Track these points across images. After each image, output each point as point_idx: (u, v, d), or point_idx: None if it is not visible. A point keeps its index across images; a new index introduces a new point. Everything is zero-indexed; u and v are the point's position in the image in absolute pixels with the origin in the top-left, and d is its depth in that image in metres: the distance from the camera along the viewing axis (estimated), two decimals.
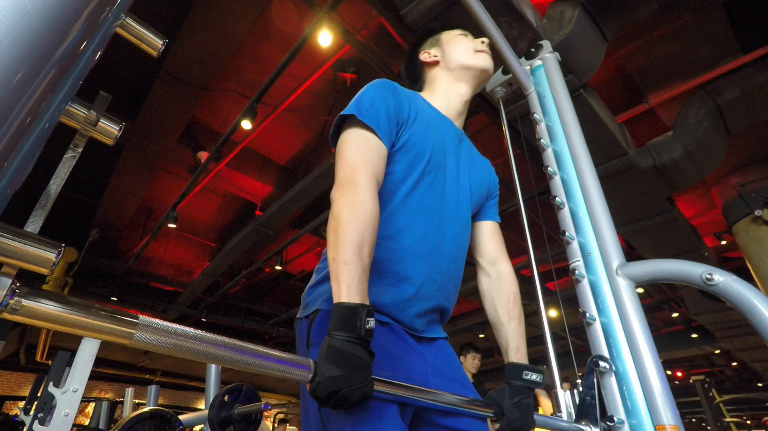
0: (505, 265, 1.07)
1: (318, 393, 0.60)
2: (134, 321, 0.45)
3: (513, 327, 0.98)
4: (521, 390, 0.86)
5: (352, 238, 0.70)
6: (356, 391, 0.60)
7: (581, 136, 1.37)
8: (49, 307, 0.40)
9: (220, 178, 5.81)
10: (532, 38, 2.65)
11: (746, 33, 3.57)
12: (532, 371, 0.88)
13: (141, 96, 4.44)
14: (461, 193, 1.01)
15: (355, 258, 0.69)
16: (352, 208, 0.73)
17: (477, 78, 1.11)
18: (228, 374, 11.26)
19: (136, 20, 0.52)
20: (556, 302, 6.20)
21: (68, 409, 0.44)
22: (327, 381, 0.59)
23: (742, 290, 0.88)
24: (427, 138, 0.94)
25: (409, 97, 0.97)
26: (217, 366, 2.27)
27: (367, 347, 0.65)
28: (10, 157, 0.34)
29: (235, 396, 1.89)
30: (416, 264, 0.86)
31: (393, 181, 0.89)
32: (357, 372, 0.61)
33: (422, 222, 0.89)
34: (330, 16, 3.12)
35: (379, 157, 0.84)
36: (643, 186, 4.13)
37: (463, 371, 0.94)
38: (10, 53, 0.31)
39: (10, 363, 9.43)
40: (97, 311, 0.43)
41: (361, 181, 0.77)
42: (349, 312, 0.65)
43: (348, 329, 0.63)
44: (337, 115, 0.89)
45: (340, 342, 0.62)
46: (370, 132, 0.84)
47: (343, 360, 0.61)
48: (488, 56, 1.12)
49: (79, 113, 0.44)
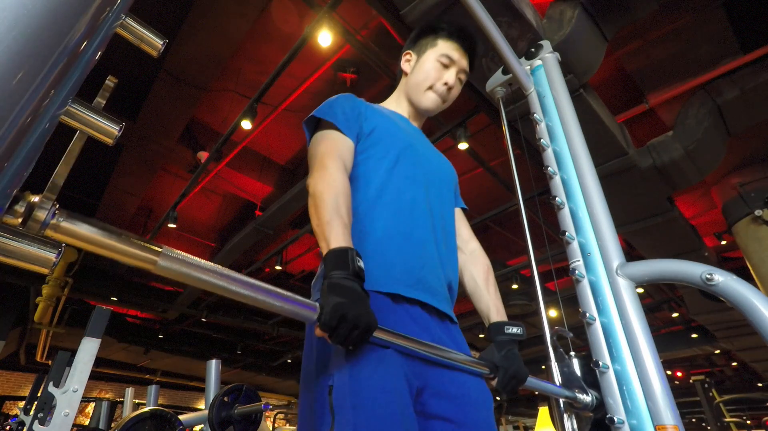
0: (476, 244, 1.17)
1: (326, 319, 0.63)
2: (158, 250, 0.48)
3: (491, 292, 1.08)
4: (506, 343, 0.94)
5: (329, 203, 0.79)
6: (362, 317, 0.64)
7: (581, 136, 1.37)
8: (85, 229, 0.43)
9: (220, 178, 5.81)
10: (532, 38, 2.65)
11: (746, 33, 3.57)
12: (512, 325, 0.97)
13: (141, 96, 4.44)
14: (440, 173, 1.10)
15: (334, 216, 0.77)
16: (324, 183, 0.83)
17: (419, 110, 1.17)
18: (228, 374, 11.28)
19: (136, 20, 0.52)
20: (556, 302, 6.21)
21: (68, 409, 0.44)
22: (334, 307, 0.63)
23: (742, 290, 0.88)
24: (391, 126, 1.04)
25: (362, 101, 1.08)
26: (217, 366, 2.27)
27: (361, 284, 0.70)
28: (10, 157, 0.34)
29: (235, 396, 1.89)
30: (417, 224, 0.93)
31: (374, 160, 0.98)
32: (358, 302, 0.66)
33: (412, 188, 0.97)
34: (330, 16, 3.13)
35: (342, 144, 0.94)
36: (643, 186, 4.13)
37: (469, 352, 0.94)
38: (10, 53, 0.31)
39: (10, 363, 9.43)
40: (127, 237, 0.47)
41: (329, 163, 0.87)
42: (340, 253, 0.71)
43: (342, 267, 0.69)
44: (302, 124, 1.03)
45: (338, 279, 0.68)
46: (332, 128, 0.97)
47: (343, 291, 0.66)
48: (436, 100, 1.14)
49: (79, 113, 0.44)
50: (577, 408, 1.08)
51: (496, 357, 0.91)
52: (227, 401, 1.87)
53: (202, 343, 10.19)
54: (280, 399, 14.01)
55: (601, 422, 1.04)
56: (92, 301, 7.79)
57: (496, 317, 1.02)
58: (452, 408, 0.81)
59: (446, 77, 1.13)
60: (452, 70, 1.15)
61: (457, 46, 1.16)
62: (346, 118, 0.98)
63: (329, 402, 0.72)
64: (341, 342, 0.64)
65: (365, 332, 0.65)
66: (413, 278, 0.87)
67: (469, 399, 0.84)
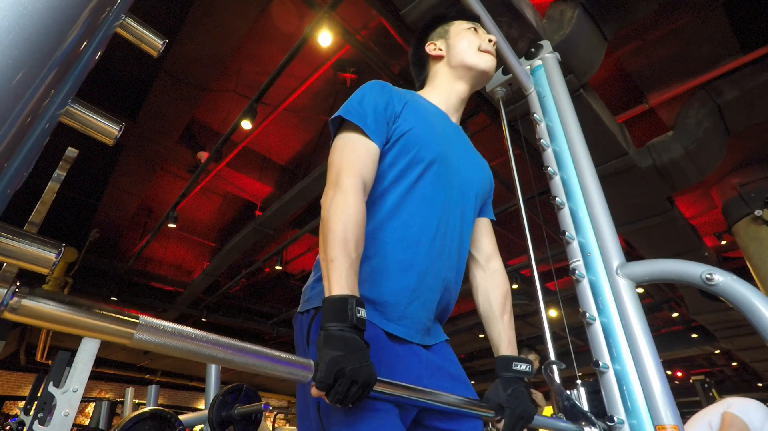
0: (499, 263, 1.09)
1: (322, 376, 0.60)
2: (134, 322, 0.45)
3: (506, 320, 1.00)
4: (513, 381, 0.89)
5: (337, 236, 0.73)
6: (362, 371, 0.61)
7: (581, 136, 1.37)
8: (49, 307, 0.40)
9: (220, 178, 5.81)
10: (532, 38, 2.65)
11: (746, 33, 3.57)
12: (521, 362, 0.92)
13: (141, 96, 4.44)
14: (466, 185, 1.02)
15: (340, 254, 0.72)
16: (335, 209, 0.76)
17: (477, 78, 1.11)
18: (228, 374, 11.26)
19: (136, 20, 0.52)
20: (556, 302, 6.21)
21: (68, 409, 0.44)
22: (331, 362, 0.60)
23: (742, 290, 0.88)
24: (426, 131, 0.95)
25: (402, 93, 0.99)
26: (217, 366, 2.27)
27: (361, 335, 0.66)
28: (10, 157, 0.34)
29: (235, 396, 1.89)
30: (419, 253, 0.87)
31: (394, 174, 0.91)
32: (356, 353, 0.62)
33: (426, 211, 0.90)
34: (330, 16, 3.12)
35: (365, 156, 0.86)
36: (643, 186, 4.13)
37: (462, 371, 0.94)
38: (10, 53, 0.31)
39: (10, 363, 9.43)
40: (98, 311, 0.43)
41: (345, 182, 0.80)
42: (340, 303, 0.67)
43: (341, 319, 0.65)
44: (330, 119, 0.92)
45: (336, 332, 0.64)
46: (358, 132, 0.87)
47: (341, 344, 0.62)
48: (491, 57, 1.10)
49: (79, 113, 0.44)
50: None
51: (501, 397, 0.86)
52: (227, 401, 1.87)
53: None
54: (280, 399, 14.02)
55: None
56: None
57: (506, 350, 0.96)
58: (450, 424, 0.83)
59: (485, 36, 1.13)
60: (482, 32, 1.16)
61: (468, 20, 1.18)
62: (376, 119, 0.89)
63: (319, 417, 0.72)
64: (340, 400, 0.60)
65: (365, 387, 0.61)
66: (398, 313, 0.83)
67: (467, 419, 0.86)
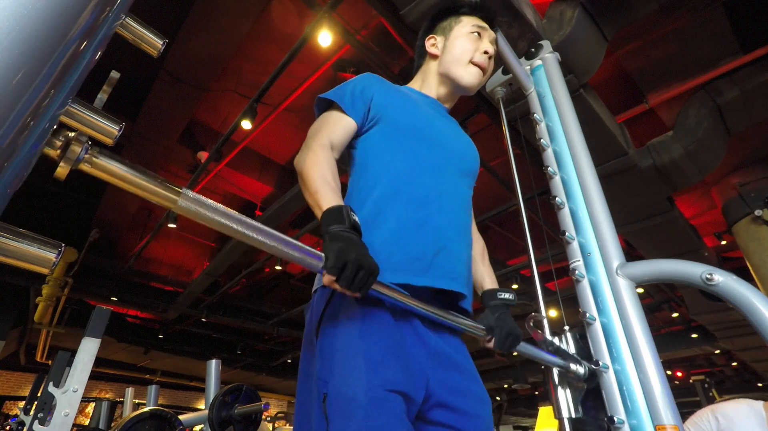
0: (474, 226, 1.18)
1: (332, 262, 0.65)
2: (178, 190, 0.52)
3: (486, 264, 1.12)
4: (499, 307, 0.98)
5: (315, 175, 0.82)
6: (365, 258, 0.67)
7: (581, 136, 1.37)
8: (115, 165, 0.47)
9: (220, 178, 5.81)
10: (532, 38, 2.65)
11: (746, 33, 3.57)
12: (504, 291, 1.01)
13: (141, 96, 4.44)
14: (460, 152, 1.07)
15: (321, 185, 0.81)
16: (307, 161, 0.86)
17: (459, 89, 1.13)
18: (228, 374, 11.28)
19: (136, 20, 0.52)
20: (556, 302, 6.20)
21: (68, 409, 0.44)
22: (338, 251, 0.66)
23: (742, 290, 0.89)
24: (411, 106, 1.02)
25: (385, 82, 1.06)
26: (217, 366, 2.27)
27: (359, 235, 0.73)
28: (10, 157, 0.34)
29: (235, 396, 1.89)
30: (432, 210, 0.91)
31: (386, 144, 0.96)
32: (359, 247, 0.68)
33: (427, 173, 0.95)
34: (330, 16, 3.12)
35: (335, 124, 0.95)
36: (643, 186, 4.13)
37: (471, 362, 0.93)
38: (10, 53, 0.31)
39: (10, 363, 9.43)
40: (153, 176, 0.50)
41: (313, 143, 0.90)
42: (335, 210, 0.74)
43: (339, 221, 0.72)
44: (315, 103, 1.02)
45: (337, 231, 0.71)
46: (335, 109, 0.98)
47: (343, 239, 0.69)
48: (478, 72, 1.10)
49: (79, 113, 0.44)
50: (570, 378, 1.11)
51: (490, 320, 0.94)
52: (227, 401, 1.87)
53: (202, 343, 10.18)
54: (280, 399, 14.02)
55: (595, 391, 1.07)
56: (92, 301, 7.79)
57: (489, 285, 1.06)
58: (454, 418, 0.81)
59: (484, 46, 1.12)
60: (486, 39, 1.14)
61: (480, 18, 1.16)
62: (353, 98, 0.97)
63: (323, 409, 0.72)
64: (349, 284, 0.66)
65: (369, 273, 0.66)
66: (424, 265, 0.85)
67: (472, 410, 0.84)
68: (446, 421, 0.81)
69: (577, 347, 1.15)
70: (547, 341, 1.13)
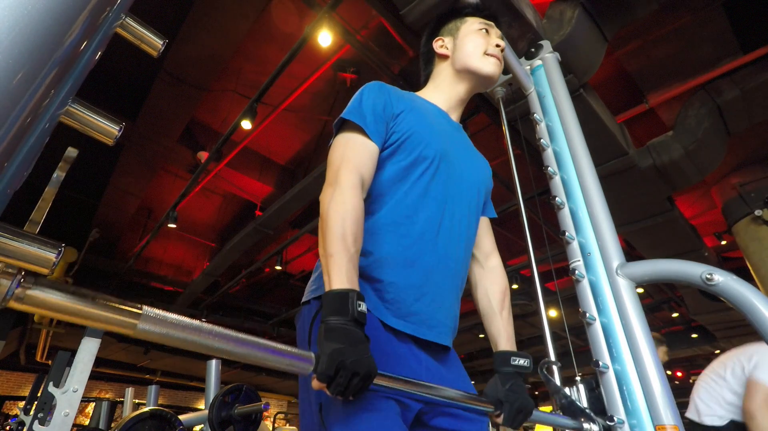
0: (497, 260, 1.09)
1: (323, 368, 0.60)
2: (137, 312, 0.45)
3: (505, 316, 1.00)
4: (512, 376, 0.89)
5: (335, 231, 0.74)
6: (362, 362, 0.60)
7: (581, 136, 1.37)
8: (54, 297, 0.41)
9: (220, 178, 5.81)
10: (532, 38, 2.65)
11: (746, 33, 3.57)
12: (519, 356, 0.91)
13: (141, 96, 4.44)
14: (470, 182, 1.01)
15: (339, 249, 0.72)
16: (333, 206, 0.77)
17: (479, 81, 1.09)
18: (228, 374, 11.27)
19: (136, 20, 0.52)
20: (556, 302, 6.20)
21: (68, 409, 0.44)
22: (332, 354, 0.60)
23: (742, 290, 0.88)
24: (426, 129, 0.95)
25: (400, 94, 0.99)
26: (217, 366, 2.27)
27: (362, 329, 0.66)
28: (10, 157, 0.34)
29: (235, 396, 1.89)
30: (425, 249, 0.86)
31: (397, 173, 0.91)
32: (357, 346, 0.62)
33: (430, 208, 0.90)
34: (330, 16, 3.12)
35: (364, 154, 0.87)
36: (643, 186, 4.13)
37: (469, 381, 0.92)
38: (10, 53, 0.31)
39: (10, 363, 9.43)
40: (102, 302, 0.43)
41: (343, 180, 0.81)
42: (340, 297, 0.67)
43: (341, 313, 0.65)
44: (334, 123, 0.93)
45: (336, 325, 0.64)
46: (357, 131, 0.89)
47: (341, 336, 0.62)
48: (496, 62, 1.08)
49: (79, 113, 0.44)
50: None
51: (500, 392, 0.86)
52: (227, 401, 1.87)
53: None
54: (280, 399, 14.01)
55: None
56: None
57: (505, 345, 0.96)
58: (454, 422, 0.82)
59: (494, 40, 1.10)
60: (494, 35, 1.12)
61: (484, 18, 1.15)
62: (375, 119, 0.90)
63: (320, 418, 0.72)
64: (341, 392, 0.60)
65: (366, 379, 0.61)
66: (405, 310, 0.82)
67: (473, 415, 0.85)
68: (447, 426, 0.81)
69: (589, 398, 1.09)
70: (561, 393, 1.08)
